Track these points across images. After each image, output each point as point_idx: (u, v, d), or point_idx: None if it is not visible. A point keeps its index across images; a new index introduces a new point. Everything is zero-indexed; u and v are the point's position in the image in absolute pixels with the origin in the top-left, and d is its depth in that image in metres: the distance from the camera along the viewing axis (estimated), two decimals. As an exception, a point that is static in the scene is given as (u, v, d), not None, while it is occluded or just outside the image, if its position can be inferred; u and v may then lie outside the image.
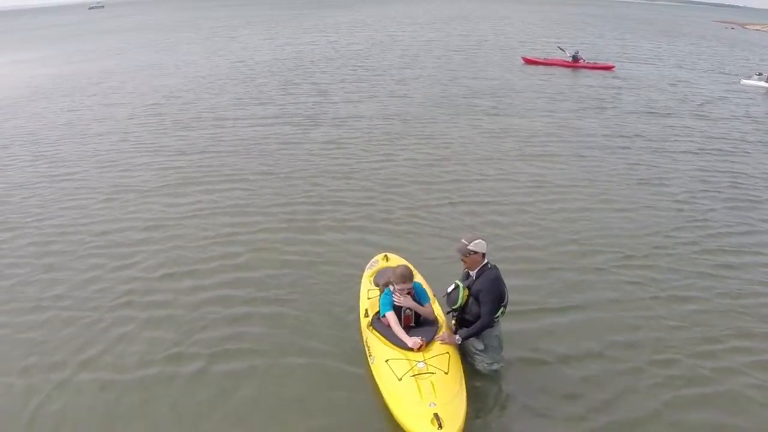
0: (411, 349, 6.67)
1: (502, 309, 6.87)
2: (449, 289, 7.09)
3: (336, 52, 38.62)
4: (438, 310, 7.47)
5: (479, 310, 6.77)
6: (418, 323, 7.12)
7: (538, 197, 13.22)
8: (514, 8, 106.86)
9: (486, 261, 6.92)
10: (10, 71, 36.17)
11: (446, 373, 6.45)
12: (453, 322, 7.26)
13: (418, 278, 7.87)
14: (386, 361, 6.69)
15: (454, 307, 7.06)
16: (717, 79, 31.62)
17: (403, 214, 12.11)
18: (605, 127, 19.71)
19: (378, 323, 7.26)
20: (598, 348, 7.86)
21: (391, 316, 7.00)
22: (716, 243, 11.15)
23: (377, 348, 7.00)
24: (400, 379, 6.41)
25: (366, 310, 7.80)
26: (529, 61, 34.18)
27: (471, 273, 6.97)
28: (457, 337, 6.93)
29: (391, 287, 7.09)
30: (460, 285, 6.96)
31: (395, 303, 7.02)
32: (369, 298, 8.02)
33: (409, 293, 7.05)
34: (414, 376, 6.37)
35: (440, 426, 5.73)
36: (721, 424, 6.65)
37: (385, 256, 9.03)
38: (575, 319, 8.52)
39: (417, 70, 30.98)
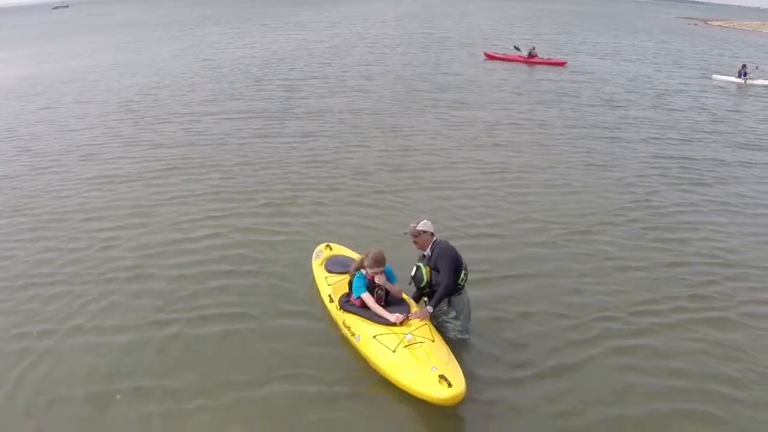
0: (394, 324, 7.20)
1: (463, 273, 7.54)
2: (412, 272, 7.68)
3: (304, 50, 39.18)
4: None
5: None
6: (387, 303, 7.67)
7: (499, 181, 14.24)
8: (480, 5, 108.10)
9: (435, 238, 7.71)
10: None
11: (433, 341, 7.02)
12: (424, 299, 7.91)
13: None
14: (374, 337, 7.16)
15: (421, 286, 7.65)
16: (675, 73, 33.13)
17: (371, 197, 12.98)
18: (563, 118, 20.84)
19: (349, 305, 7.78)
20: (549, 307, 8.84)
21: (367, 297, 7.56)
22: (658, 220, 12.19)
23: (360, 327, 7.46)
24: (394, 351, 6.87)
25: (329, 296, 8.29)
26: (490, 57, 35.43)
27: (426, 253, 7.71)
28: (428, 307, 7.49)
29: (363, 271, 7.71)
30: (421, 265, 7.60)
31: (377, 283, 7.59)
32: (329, 285, 8.51)
33: (381, 274, 7.66)
34: (406, 347, 6.87)
35: (450, 385, 6.24)
36: (655, 359, 7.75)
37: (328, 245, 9.60)
38: (530, 284, 9.50)
39: (384, 66, 31.80)
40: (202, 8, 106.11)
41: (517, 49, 35.16)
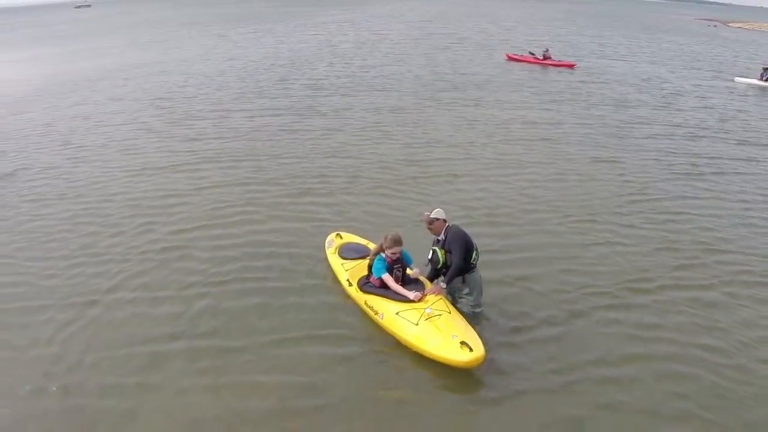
0: (412, 301, 7.96)
1: (475, 253, 8.27)
2: (429, 256, 8.37)
3: (327, 50, 39.94)
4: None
5: None
6: (404, 282, 8.43)
7: (512, 172, 15.16)
8: (500, 6, 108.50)
9: (448, 223, 8.42)
10: (8, 70, 36.75)
11: (450, 313, 7.80)
12: (440, 279, 8.56)
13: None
14: (397, 313, 7.90)
15: (438, 267, 8.35)
16: (690, 74, 33.43)
17: (392, 187, 13.84)
18: (573, 116, 21.55)
19: (369, 287, 8.50)
20: (550, 278, 9.90)
21: (387, 278, 8.25)
22: (656, 208, 13.07)
23: (382, 305, 8.16)
24: (416, 324, 7.62)
25: (347, 281, 8.98)
26: (511, 58, 36.30)
27: (440, 237, 8.42)
28: (442, 284, 8.21)
29: (383, 254, 8.36)
30: (436, 248, 8.32)
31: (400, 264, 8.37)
32: (346, 270, 9.19)
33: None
34: (427, 320, 7.63)
35: (471, 349, 7.05)
36: (638, 318, 8.85)
37: (338, 234, 10.31)
38: (531, 256, 10.64)
39: (405, 66, 32.48)
40: (224, 8, 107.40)
41: (532, 53, 35.82)
